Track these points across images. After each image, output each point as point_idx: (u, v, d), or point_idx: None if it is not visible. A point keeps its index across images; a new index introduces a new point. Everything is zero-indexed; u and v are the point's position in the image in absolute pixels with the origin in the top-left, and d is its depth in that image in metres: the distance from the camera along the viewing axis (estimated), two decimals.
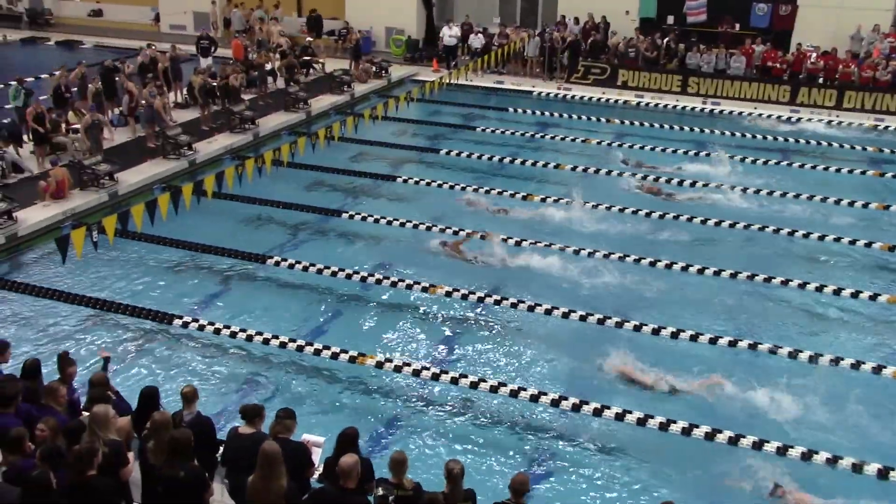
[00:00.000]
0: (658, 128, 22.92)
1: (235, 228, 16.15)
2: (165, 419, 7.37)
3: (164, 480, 7.06)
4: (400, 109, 22.68)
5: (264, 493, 6.82)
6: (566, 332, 12.70)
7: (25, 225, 15.44)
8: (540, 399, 10.93)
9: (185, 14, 31.61)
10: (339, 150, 20.08)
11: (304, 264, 14.47)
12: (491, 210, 17.10)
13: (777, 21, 27.16)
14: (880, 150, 21.45)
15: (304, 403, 10.67)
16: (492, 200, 17.55)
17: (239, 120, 21.15)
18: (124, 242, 14.97)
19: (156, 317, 12.72)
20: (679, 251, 15.29)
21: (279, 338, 12.17)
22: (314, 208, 16.91)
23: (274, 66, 25.73)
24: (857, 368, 11.76)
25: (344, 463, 6.85)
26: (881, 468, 9.76)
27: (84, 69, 21.04)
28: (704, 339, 12.42)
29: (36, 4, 34.05)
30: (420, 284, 13.91)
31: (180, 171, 18.79)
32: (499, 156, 20.37)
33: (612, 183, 18.72)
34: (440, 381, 11.34)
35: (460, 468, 7.14)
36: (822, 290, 13.93)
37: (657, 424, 10.46)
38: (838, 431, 10.45)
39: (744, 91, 25.31)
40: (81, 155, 17.87)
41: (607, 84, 26.47)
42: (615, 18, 28.13)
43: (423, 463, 9.55)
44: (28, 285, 13.60)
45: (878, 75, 24.38)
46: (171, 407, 8.54)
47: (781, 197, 17.96)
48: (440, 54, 29.02)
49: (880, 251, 15.60)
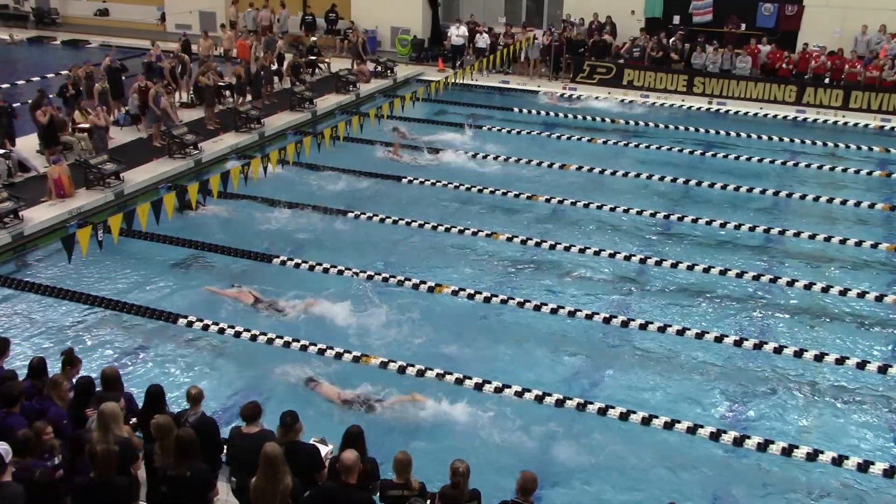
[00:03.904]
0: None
1: (240, 228, 16.17)
2: (168, 422, 7.38)
3: (170, 480, 7.07)
4: (406, 109, 22.68)
5: (270, 495, 6.81)
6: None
7: (31, 224, 15.48)
8: (544, 399, 10.95)
9: (191, 14, 31.65)
10: (344, 150, 20.10)
11: (309, 263, 14.49)
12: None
13: (783, 21, 27.07)
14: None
15: (309, 404, 10.65)
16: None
17: (245, 119, 21.20)
18: (130, 241, 14.99)
19: (161, 316, 12.75)
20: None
21: (283, 337, 12.19)
22: (318, 208, 16.93)
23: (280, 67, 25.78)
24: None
25: (345, 458, 6.83)
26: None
27: (91, 67, 21.11)
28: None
29: (42, 4, 34.12)
30: (427, 284, 13.93)
31: (186, 170, 18.82)
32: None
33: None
34: (444, 381, 11.34)
35: (466, 467, 7.13)
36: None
37: (661, 424, 10.48)
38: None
39: (749, 91, 25.28)
40: (87, 154, 17.92)
41: (613, 84, 26.43)
42: (621, 18, 28.13)
43: (427, 463, 9.53)
44: (34, 284, 13.63)
45: (885, 75, 24.32)
46: (176, 406, 8.55)
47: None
48: (445, 54, 29.05)
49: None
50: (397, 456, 7.32)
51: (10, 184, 16.99)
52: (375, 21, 30.45)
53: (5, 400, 7.73)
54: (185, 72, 23.24)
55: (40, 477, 6.72)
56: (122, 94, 21.46)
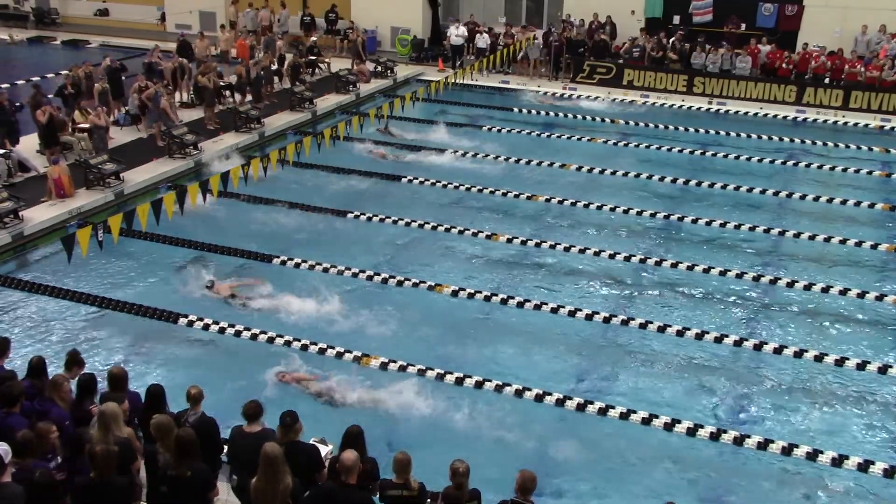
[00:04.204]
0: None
1: (241, 228, 16.17)
2: (168, 422, 7.37)
3: (170, 480, 7.07)
4: (406, 109, 22.68)
5: (270, 495, 6.80)
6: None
7: (31, 224, 15.48)
8: (544, 399, 10.95)
9: (191, 14, 31.65)
10: (344, 150, 20.10)
11: (309, 263, 14.50)
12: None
13: (783, 21, 27.07)
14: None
15: (309, 404, 10.66)
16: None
17: (245, 119, 21.20)
18: (130, 241, 14.98)
19: (161, 315, 12.75)
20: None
21: (283, 336, 12.19)
22: (319, 208, 16.94)
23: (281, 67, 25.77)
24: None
25: (345, 458, 6.83)
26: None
27: (91, 67, 21.11)
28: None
29: (42, 4, 34.12)
30: (426, 283, 13.93)
31: (186, 170, 18.82)
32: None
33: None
34: (444, 381, 11.35)
35: (465, 467, 7.12)
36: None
37: (661, 425, 10.48)
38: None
39: (749, 91, 25.27)
40: (87, 154, 17.91)
41: (613, 84, 26.42)
42: (621, 18, 28.12)
43: (427, 463, 9.53)
44: (34, 284, 13.63)
45: (885, 75, 24.31)
46: (176, 406, 8.53)
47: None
48: (445, 54, 29.05)
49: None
50: (397, 456, 7.32)
51: (10, 184, 16.99)
52: (375, 21, 30.45)
53: (5, 400, 7.72)
54: (184, 72, 23.23)
55: (40, 477, 6.71)
56: (122, 94, 21.46)
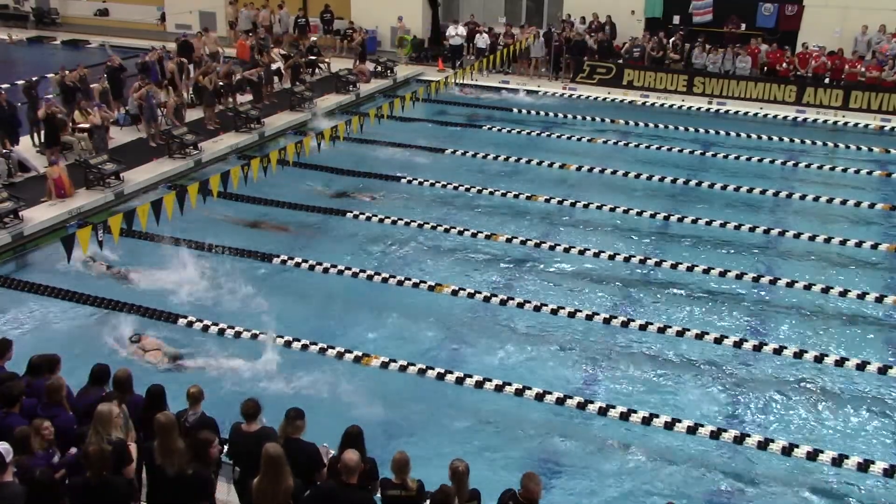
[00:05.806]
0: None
1: (241, 227, 16.16)
2: (171, 421, 7.36)
3: (170, 480, 7.07)
4: (405, 109, 22.67)
5: (271, 495, 6.79)
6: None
7: (31, 224, 15.47)
8: (544, 398, 10.95)
9: (191, 14, 31.64)
10: (344, 151, 20.10)
11: (309, 263, 14.50)
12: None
13: (783, 21, 27.07)
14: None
15: (309, 403, 10.61)
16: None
17: (245, 119, 21.19)
18: (130, 241, 14.98)
19: (161, 316, 12.75)
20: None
21: (283, 336, 12.18)
22: (319, 208, 16.92)
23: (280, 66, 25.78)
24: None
25: (347, 458, 6.83)
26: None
27: (84, 70, 21.00)
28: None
29: (42, 4, 34.13)
30: (426, 283, 13.93)
31: (186, 170, 18.81)
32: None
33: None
34: (444, 381, 11.35)
35: (465, 467, 7.12)
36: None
37: (662, 424, 10.47)
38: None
39: (749, 91, 25.27)
40: (87, 154, 17.91)
41: (613, 84, 26.43)
42: (621, 18, 28.12)
43: (427, 463, 9.53)
44: (33, 284, 13.61)
45: (885, 75, 24.31)
46: (176, 406, 8.53)
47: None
48: (445, 54, 29.05)
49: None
50: (395, 456, 7.32)
51: (10, 184, 16.99)
52: (375, 21, 30.44)
53: (5, 400, 7.72)
54: (183, 72, 23.20)
55: (41, 476, 6.71)
56: (122, 94, 21.43)
